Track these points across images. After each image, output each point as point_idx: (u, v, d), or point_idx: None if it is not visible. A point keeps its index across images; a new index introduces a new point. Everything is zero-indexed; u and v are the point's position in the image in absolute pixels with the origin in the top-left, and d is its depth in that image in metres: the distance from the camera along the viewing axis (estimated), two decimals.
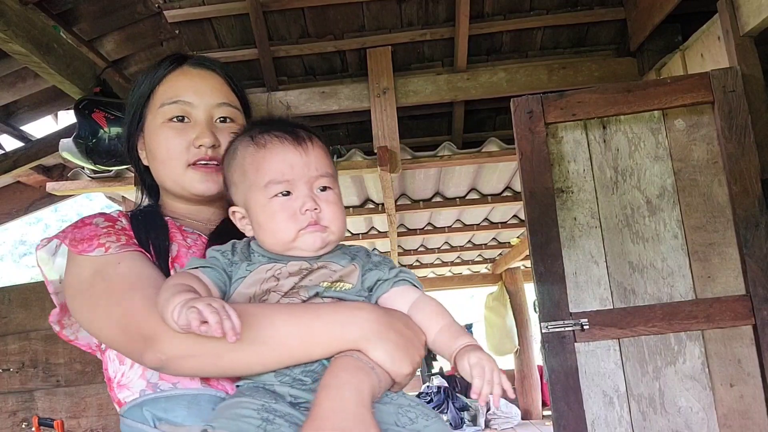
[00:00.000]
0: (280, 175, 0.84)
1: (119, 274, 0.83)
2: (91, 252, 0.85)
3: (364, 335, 0.77)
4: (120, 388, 0.86)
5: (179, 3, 3.12)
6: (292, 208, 0.83)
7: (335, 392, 0.72)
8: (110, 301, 0.82)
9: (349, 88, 3.43)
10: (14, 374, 3.03)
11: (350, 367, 0.75)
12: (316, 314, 0.78)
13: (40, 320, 3.08)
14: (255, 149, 0.86)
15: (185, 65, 0.99)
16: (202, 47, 3.31)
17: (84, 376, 3.00)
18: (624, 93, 2.34)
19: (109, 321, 0.82)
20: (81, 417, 2.96)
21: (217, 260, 0.84)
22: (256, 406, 0.72)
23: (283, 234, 0.83)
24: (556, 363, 2.21)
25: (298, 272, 0.83)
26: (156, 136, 0.96)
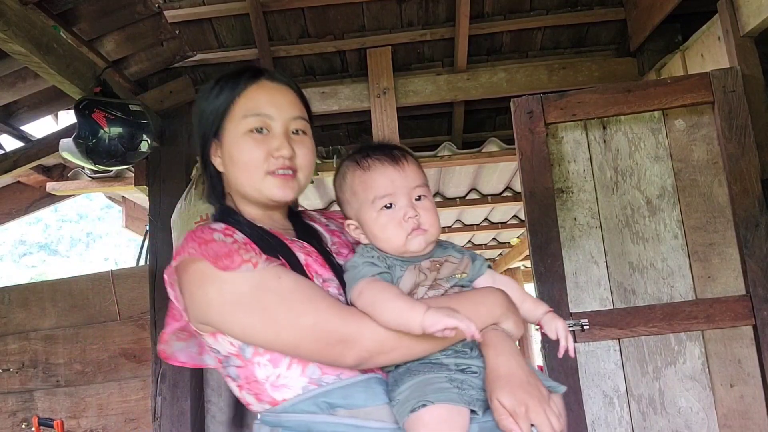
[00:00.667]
0: (383, 191, 1.03)
1: (286, 288, 0.93)
2: (238, 269, 0.92)
3: (502, 312, 1.00)
4: (277, 388, 0.96)
5: (179, 3, 3.12)
6: (396, 218, 1.02)
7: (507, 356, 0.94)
8: (292, 313, 0.91)
9: (349, 88, 3.43)
10: (14, 374, 3.03)
11: (502, 337, 0.98)
12: (474, 301, 0.99)
13: (39, 320, 3.08)
14: (361, 172, 1.05)
15: (263, 79, 1.08)
16: (202, 47, 3.31)
17: (84, 377, 3.00)
18: (624, 93, 2.34)
19: (297, 330, 0.91)
20: (81, 417, 2.96)
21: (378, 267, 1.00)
22: (445, 378, 0.91)
23: (395, 241, 1.02)
24: (556, 363, 2.21)
25: (432, 267, 1.02)
26: (237, 145, 1.04)
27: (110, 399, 2.97)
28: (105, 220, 24.10)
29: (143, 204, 4.19)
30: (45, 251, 24.07)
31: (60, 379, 3.01)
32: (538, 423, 0.89)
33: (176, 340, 1.06)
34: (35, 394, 3.01)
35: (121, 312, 3.04)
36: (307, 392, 0.94)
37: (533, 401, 0.89)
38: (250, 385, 0.98)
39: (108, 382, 2.99)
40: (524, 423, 0.88)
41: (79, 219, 25.00)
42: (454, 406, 0.87)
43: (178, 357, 1.06)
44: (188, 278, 0.96)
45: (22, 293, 3.14)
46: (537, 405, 0.89)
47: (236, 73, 1.08)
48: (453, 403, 0.87)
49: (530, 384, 0.91)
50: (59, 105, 3.28)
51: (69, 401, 2.99)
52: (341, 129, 3.88)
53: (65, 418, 2.86)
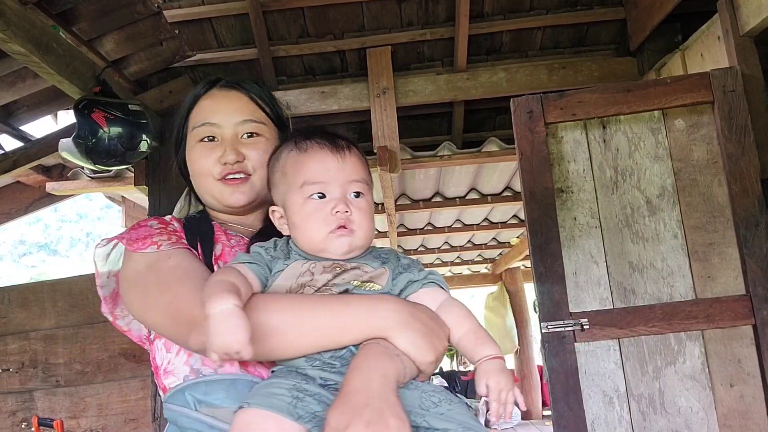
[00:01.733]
0: (315, 177, 0.91)
1: (169, 267, 0.93)
2: (145, 249, 0.95)
3: (390, 324, 0.84)
4: (166, 374, 0.94)
5: (179, 3, 3.12)
6: (324, 210, 0.90)
7: (363, 374, 0.78)
8: (160, 291, 0.91)
9: (348, 88, 3.43)
10: (14, 374, 3.03)
11: (377, 353, 0.81)
12: (346, 304, 0.85)
13: (39, 320, 3.08)
14: (296, 153, 0.94)
15: (214, 89, 1.10)
16: (201, 47, 3.31)
17: (84, 376, 3.00)
18: (624, 93, 2.34)
19: (159, 308, 0.91)
20: (81, 417, 2.96)
21: (260, 256, 0.91)
22: (288, 386, 0.78)
23: (314, 235, 0.90)
24: (556, 363, 2.21)
25: (331, 269, 0.89)
26: (191, 155, 1.08)
27: (110, 399, 2.97)
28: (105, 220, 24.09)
29: (143, 204, 4.19)
30: (45, 251, 24.06)
31: (60, 379, 3.01)
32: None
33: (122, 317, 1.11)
34: (35, 394, 3.01)
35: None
36: (185, 382, 0.92)
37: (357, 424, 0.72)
38: (154, 369, 0.99)
39: (108, 382, 2.99)
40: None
41: (79, 219, 24.99)
42: (271, 414, 0.75)
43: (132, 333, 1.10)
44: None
45: (22, 293, 3.14)
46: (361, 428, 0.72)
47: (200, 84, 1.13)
48: (272, 410, 0.75)
49: (368, 407, 0.74)
50: (59, 105, 3.28)
51: (69, 401, 2.98)
52: (341, 129, 3.87)
53: (65, 418, 2.86)
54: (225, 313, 0.76)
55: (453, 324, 0.89)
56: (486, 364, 0.83)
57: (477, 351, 0.85)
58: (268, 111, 1.11)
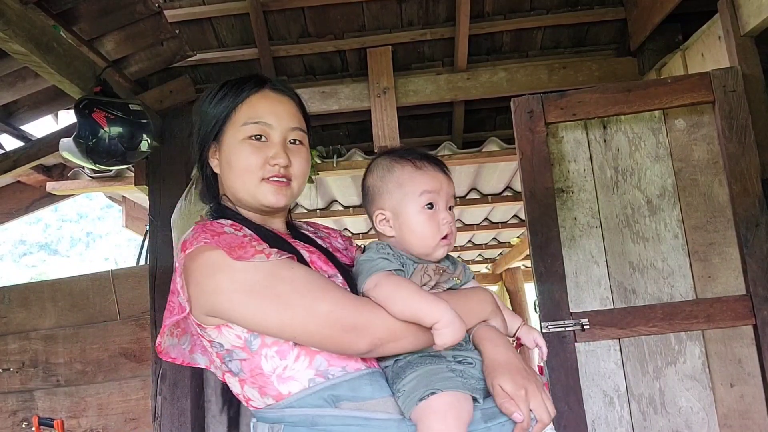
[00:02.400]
0: (432, 188, 1.09)
1: (300, 277, 0.96)
2: (251, 258, 0.94)
3: (492, 309, 1.10)
4: (284, 380, 0.97)
5: (179, 2, 3.12)
6: (436, 219, 1.09)
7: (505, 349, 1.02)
8: (307, 299, 0.94)
9: (349, 88, 3.43)
10: (14, 374, 3.03)
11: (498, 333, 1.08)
12: (468, 298, 1.08)
13: (40, 320, 3.08)
14: (412, 167, 1.11)
15: (266, 88, 1.11)
16: (202, 47, 3.31)
17: (84, 376, 3.00)
18: (624, 93, 2.34)
19: (311, 317, 0.93)
20: (81, 417, 2.96)
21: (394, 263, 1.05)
22: (446, 368, 0.97)
23: (429, 240, 1.09)
24: (557, 363, 2.21)
25: (437, 271, 1.09)
26: (236, 150, 1.07)
27: (110, 399, 2.97)
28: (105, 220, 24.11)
29: (143, 204, 4.19)
30: (45, 251, 24.07)
31: (60, 379, 3.01)
32: (535, 407, 0.94)
33: (169, 335, 1.07)
34: (35, 393, 3.01)
35: (121, 312, 3.04)
36: (313, 385, 0.95)
37: (531, 386, 0.95)
38: (255, 378, 0.98)
39: (108, 382, 2.99)
40: (524, 406, 0.93)
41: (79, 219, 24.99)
42: (461, 393, 0.92)
43: (170, 353, 1.08)
44: (197, 267, 0.97)
45: (22, 293, 3.14)
46: (535, 390, 0.95)
47: (241, 80, 1.12)
48: (459, 390, 0.93)
49: (527, 371, 0.98)
50: (59, 104, 3.28)
51: (69, 401, 2.99)
52: (341, 129, 3.87)
53: (65, 418, 2.86)
54: (453, 313, 0.94)
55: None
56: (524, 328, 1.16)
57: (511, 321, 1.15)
58: (306, 120, 1.15)
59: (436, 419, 0.89)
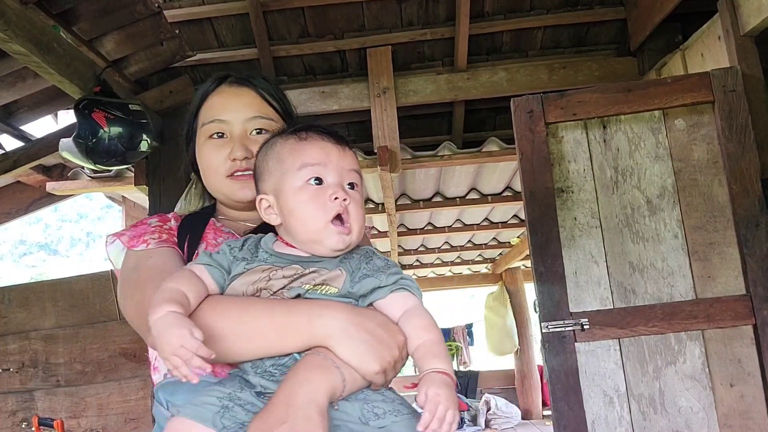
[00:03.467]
0: (315, 160, 0.89)
1: (147, 267, 0.96)
2: (137, 247, 0.99)
3: (331, 332, 0.81)
4: (154, 370, 0.98)
5: (179, 2, 3.12)
6: (322, 196, 0.87)
7: (288, 387, 0.76)
8: (134, 290, 0.94)
9: (349, 88, 3.43)
10: (14, 374, 3.03)
11: (311, 365, 0.78)
12: (288, 309, 0.82)
13: (39, 320, 3.07)
14: (295, 140, 0.92)
15: (223, 85, 1.11)
16: (202, 47, 3.31)
17: (84, 376, 3.00)
18: (624, 93, 2.34)
19: (132, 307, 0.95)
20: (81, 417, 2.96)
21: (223, 256, 0.90)
22: (221, 394, 0.77)
23: (312, 221, 0.87)
24: (557, 363, 2.21)
25: (291, 275, 0.86)
26: (201, 151, 1.09)
27: (110, 399, 2.97)
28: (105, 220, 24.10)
29: (143, 204, 4.19)
30: (45, 251, 24.07)
31: (60, 379, 3.01)
32: None
33: None
34: (35, 393, 3.01)
35: (121, 312, 3.04)
36: (164, 380, 0.90)
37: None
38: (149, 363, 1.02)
39: (108, 382, 2.99)
40: None
41: (79, 219, 24.99)
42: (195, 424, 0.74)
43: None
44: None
45: (22, 293, 3.14)
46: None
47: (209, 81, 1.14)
48: (196, 420, 0.75)
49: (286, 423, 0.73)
50: (59, 105, 3.28)
51: (69, 401, 2.98)
52: (341, 129, 3.87)
53: (65, 418, 2.86)
54: (162, 318, 0.77)
55: (411, 333, 0.84)
56: (432, 374, 0.78)
57: (428, 362, 0.80)
58: (277, 107, 1.11)
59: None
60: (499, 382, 8.08)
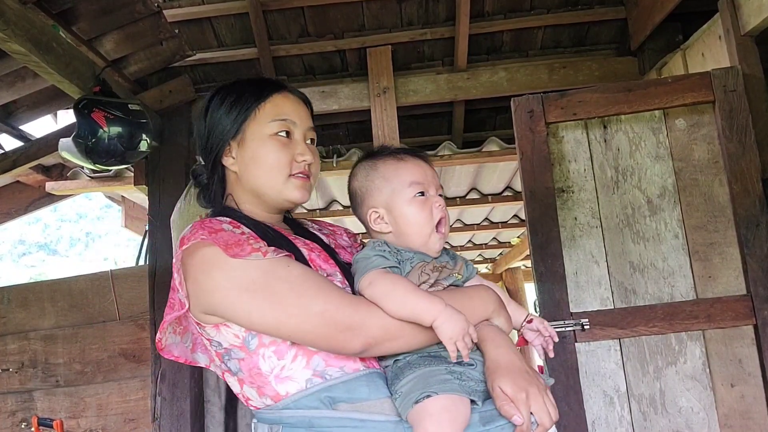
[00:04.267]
0: (419, 178, 1.09)
1: (295, 275, 0.95)
2: (247, 256, 0.94)
3: (494, 308, 1.07)
4: (281, 380, 0.96)
5: (179, 2, 3.12)
6: (428, 205, 1.08)
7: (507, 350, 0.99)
8: (302, 299, 0.93)
9: (349, 88, 3.43)
10: (13, 374, 3.03)
11: (501, 333, 1.04)
12: (470, 297, 1.05)
13: (39, 320, 3.07)
14: (395, 161, 1.12)
15: (286, 90, 1.14)
16: (201, 47, 3.31)
17: (83, 377, 3.00)
18: (625, 92, 2.34)
19: (307, 316, 0.93)
20: (80, 417, 2.96)
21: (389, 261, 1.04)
22: (445, 370, 0.95)
23: (424, 229, 1.08)
24: (557, 363, 2.21)
25: (435, 269, 1.06)
26: (263, 146, 1.08)
27: (110, 399, 2.97)
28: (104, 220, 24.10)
29: (143, 203, 4.19)
30: (44, 251, 24.06)
31: (59, 379, 3.01)
32: (537, 410, 0.91)
33: (172, 333, 1.07)
34: (35, 394, 3.01)
35: (121, 312, 3.03)
36: (311, 386, 0.95)
37: (533, 389, 0.93)
38: (253, 378, 0.98)
39: (107, 382, 2.98)
40: (524, 409, 0.91)
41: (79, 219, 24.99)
42: (457, 396, 0.90)
43: (172, 350, 1.07)
44: (195, 263, 0.96)
45: (22, 293, 3.13)
46: (537, 393, 0.93)
47: (259, 82, 1.14)
48: (455, 393, 0.90)
49: (529, 374, 0.95)
50: (58, 104, 3.28)
51: (68, 401, 2.98)
52: (341, 128, 3.87)
53: (65, 418, 2.85)
54: (449, 310, 0.93)
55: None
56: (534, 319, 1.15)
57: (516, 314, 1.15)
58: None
59: (431, 422, 0.88)
60: None
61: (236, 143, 1.10)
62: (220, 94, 1.13)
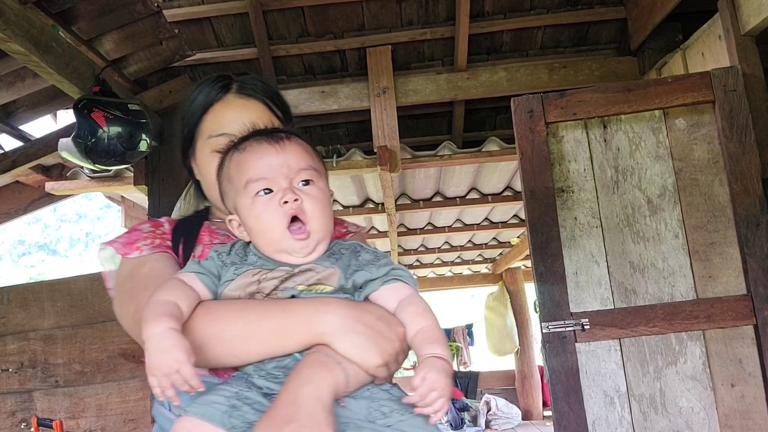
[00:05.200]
0: (257, 173, 0.87)
1: (141, 274, 0.93)
2: (130, 254, 0.96)
3: (330, 329, 0.79)
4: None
5: (178, 2, 3.12)
6: (272, 203, 0.86)
7: (292, 387, 0.75)
8: (130, 298, 0.92)
9: (349, 88, 3.42)
10: (13, 374, 3.03)
11: (313, 363, 0.77)
12: (284, 309, 0.81)
13: (38, 320, 3.07)
14: (237, 155, 0.91)
15: (229, 94, 1.04)
16: (201, 46, 3.31)
17: (83, 377, 3.00)
18: (624, 92, 2.34)
19: (128, 316, 0.93)
20: (80, 417, 2.96)
21: (212, 262, 0.88)
22: (228, 394, 0.76)
23: (270, 233, 0.86)
24: (557, 363, 2.21)
25: (281, 276, 0.85)
26: (205, 164, 1.03)
27: (109, 399, 2.97)
28: (104, 220, 24.10)
29: (142, 203, 4.19)
30: (44, 251, 24.06)
31: (59, 380, 3.00)
32: None
33: None
34: (34, 394, 3.01)
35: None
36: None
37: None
38: None
39: (107, 383, 2.98)
40: None
41: (78, 219, 24.99)
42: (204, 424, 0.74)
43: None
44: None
45: (21, 293, 3.13)
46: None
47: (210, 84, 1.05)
48: (204, 419, 0.74)
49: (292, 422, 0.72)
50: (58, 104, 3.28)
51: (68, 401, 2.98)
52: (341, 128, 3.87)
53: (64, 419, 2.85)
54: (158, 336, 0.76)
55: (409, 322, 0.83)
56: (431, 360, 0.78)
57: (426, 348, 0.80)
58: (281, 115, 1.07)
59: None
60: (499, 383, 8.08)
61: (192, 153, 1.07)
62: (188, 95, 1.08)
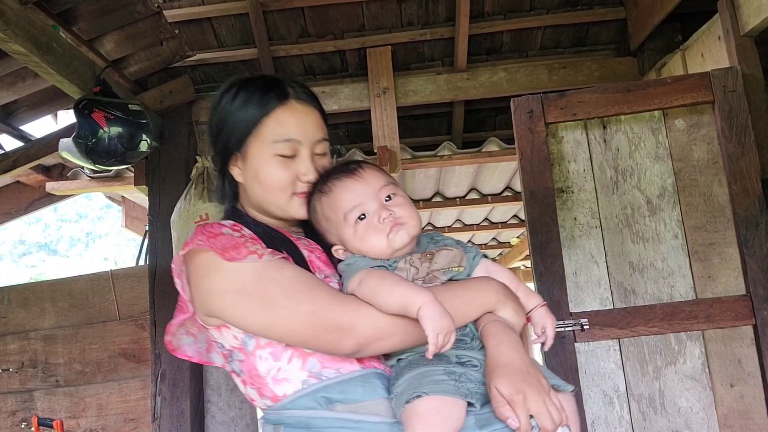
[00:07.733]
0: (350, 204, 1.02)
1: (289, 278, 0.95)
2: (243, 259, 0.95)
3: (498, 299, 1.00)
4: (278, 382, 0.97)
5: (179, 2, 3.12)
6: (372, 224, 1.01)
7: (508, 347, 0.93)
8: (292, 301, 0.93)
9: (349, 88, 3.43)
10: (14, 374, 3.03)
11: (504, 328, 0.97)
12: (467, 289, 1.00)
13: (39, 320, 3.08)
14: (325, 197, 1.05)
15: (291, 100, 1.08)
16: (201, 47, 3.31)
17: (83, 376, 3.00)
18: (624, 93, 2.34)
19: (297, 318, 0.93)
20: (80, 417, 2.96)
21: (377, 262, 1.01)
22: (443, 371, 0.91)
23: (379, 245, 1.01)
24: (556, 363, 2.21)
25: (424, 258, 1.01)
26: (264, 166, 1.06)
27: (110, 399, 2.97)
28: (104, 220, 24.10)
29: (143, 204, 4.19)
30: (45, 251, 24.06)
31: (59, 379, 3.01)
32: (537, 413, 0.85)
33: (185, 334, 1.08)
34: (35, 394, 3.01)
35: (121, 312, 3.04)
36: (306, 387, 0.95)
37: (531, 390, 0.86)
38: (253, 379, 0.99)
39: (107, 382, 2.99)
40: (521, 411, 0.85)
41: (79, 219, 24.99)
42: (449, 398, 0.87)
43: (186, 351, 1.08)
44: (195, 268, 0.98)
45: (22, 293, 3.14)
46: (535, 394, 0.86)
47: (264, 87, 1.08)
48: (447, 394, 0.87)
49: (529, 374, 0.89)
50: (59, 105, 3.28)
51: (68, 401, 2.98)
52: (341, 129, 3.87)
53: (65, 418, 2.86)
54: (434, 302, 0.88)
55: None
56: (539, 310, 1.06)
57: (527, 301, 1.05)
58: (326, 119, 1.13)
59: (419, 423, 0.85)
60: None
61: (241, 155, 1.08)
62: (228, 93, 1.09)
